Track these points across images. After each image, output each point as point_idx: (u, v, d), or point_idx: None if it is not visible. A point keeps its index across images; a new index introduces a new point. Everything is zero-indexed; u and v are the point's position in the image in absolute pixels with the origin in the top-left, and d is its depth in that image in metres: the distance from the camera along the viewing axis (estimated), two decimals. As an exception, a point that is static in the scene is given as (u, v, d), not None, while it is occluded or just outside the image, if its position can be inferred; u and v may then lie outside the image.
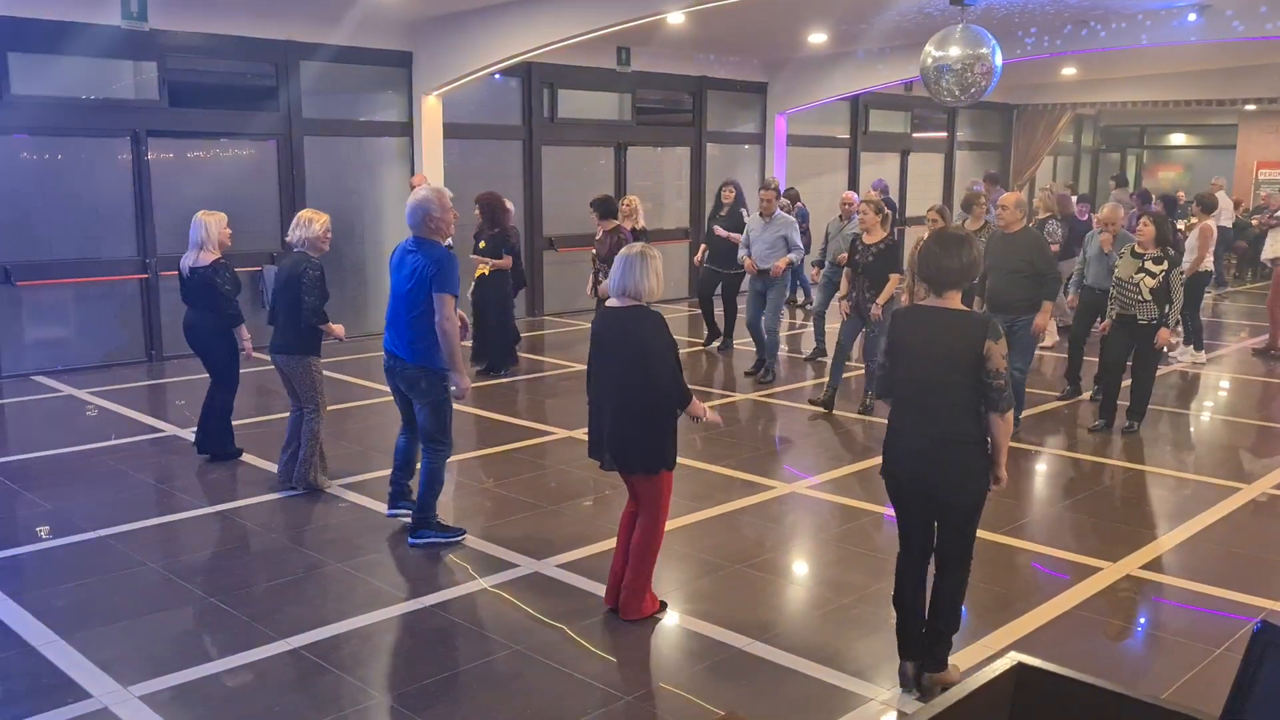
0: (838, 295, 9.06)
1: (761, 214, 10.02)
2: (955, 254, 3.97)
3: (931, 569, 4.17)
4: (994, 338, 3.88)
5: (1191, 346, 11.04)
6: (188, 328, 7.11)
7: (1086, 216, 12.43)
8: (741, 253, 10.21)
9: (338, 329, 6.60)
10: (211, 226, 6.93)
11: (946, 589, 4.12)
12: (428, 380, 5.57)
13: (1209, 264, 11.17)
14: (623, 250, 4.67)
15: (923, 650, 4.16)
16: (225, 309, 6.89)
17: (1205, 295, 11.66)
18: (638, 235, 11.26)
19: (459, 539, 5.75)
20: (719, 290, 11.26)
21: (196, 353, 7.25)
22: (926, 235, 5.81)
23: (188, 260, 6.96)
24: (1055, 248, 9.88)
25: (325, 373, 6.77)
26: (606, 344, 4.67)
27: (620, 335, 4.60)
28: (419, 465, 5.85)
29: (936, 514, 4.08)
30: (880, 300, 8.36)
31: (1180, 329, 10.90)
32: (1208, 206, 11.24)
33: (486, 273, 9.85)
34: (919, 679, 4.17)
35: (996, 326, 3.96)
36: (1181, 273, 7.98)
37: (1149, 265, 7.78)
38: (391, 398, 5.99)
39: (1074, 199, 14.34)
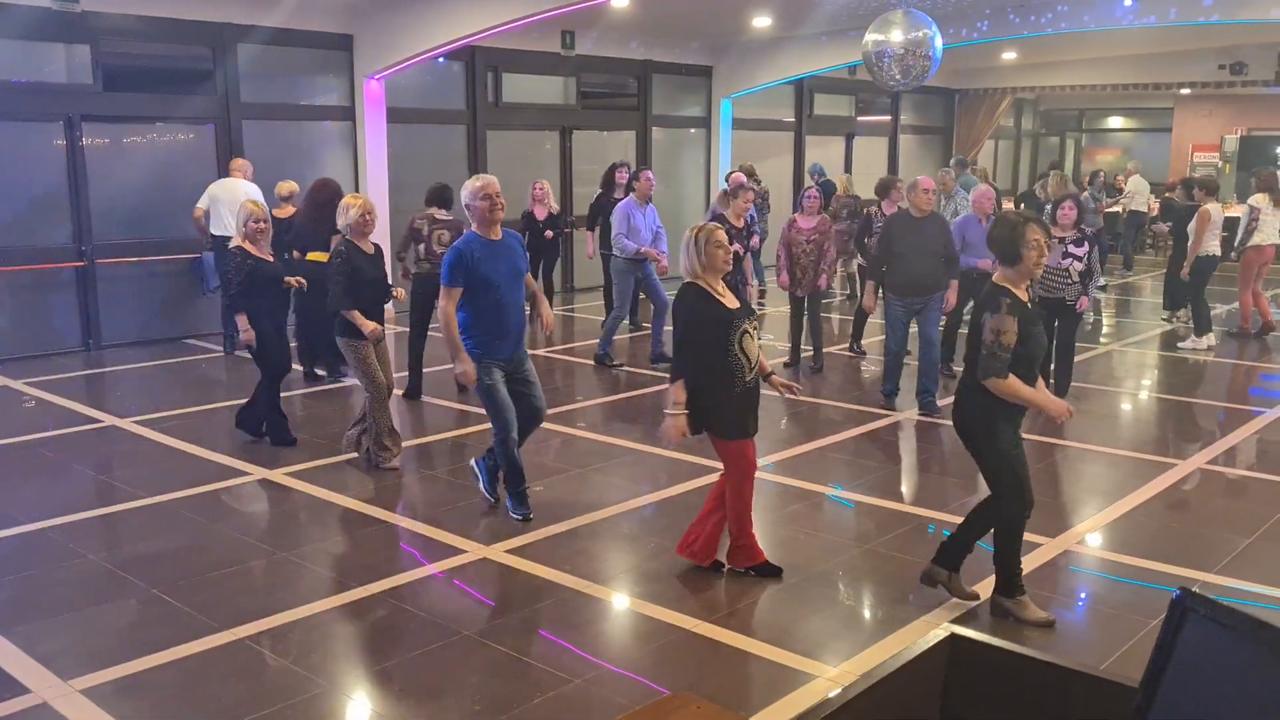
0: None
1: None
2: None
3: None
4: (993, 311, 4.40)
5: (1207, 335, 10.77)
6: None
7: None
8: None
9: (371, 325, 6.44)
10: (240, 214, 6.98)
11: (981, 510, 4.73)
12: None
13: (1214, 248, 10.97)
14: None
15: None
16: (224, 294, 7.20)
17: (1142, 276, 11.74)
18: (553, 219, 11.24)
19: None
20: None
21: None
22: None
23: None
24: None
25: None
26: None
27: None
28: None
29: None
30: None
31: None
32: (1211, 189, 11.04)
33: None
34: (950, 582, 4.84)
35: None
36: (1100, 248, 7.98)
37: (1072, 249, 7.94)
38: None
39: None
